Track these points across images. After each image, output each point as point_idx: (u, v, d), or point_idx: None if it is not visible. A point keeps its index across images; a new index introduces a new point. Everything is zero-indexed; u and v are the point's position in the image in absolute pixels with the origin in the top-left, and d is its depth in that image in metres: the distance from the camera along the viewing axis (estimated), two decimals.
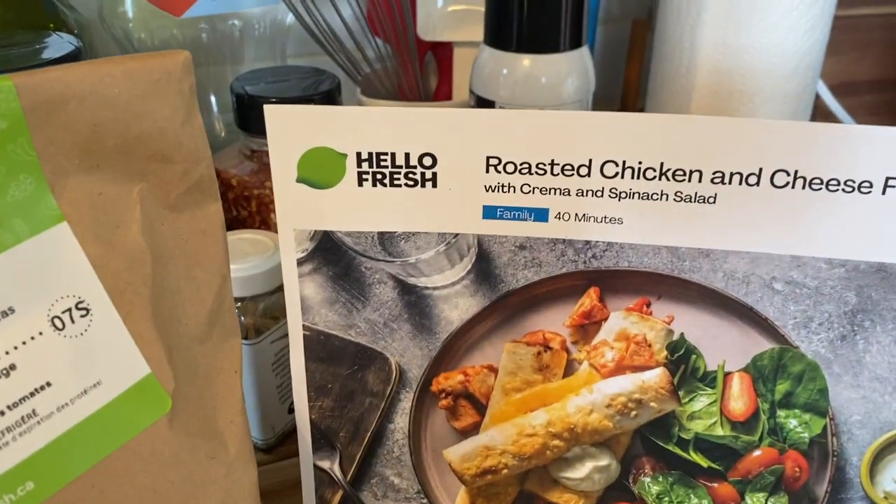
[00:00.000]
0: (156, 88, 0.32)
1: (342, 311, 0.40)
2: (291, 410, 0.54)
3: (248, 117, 0.58)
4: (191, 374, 0.36)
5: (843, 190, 0.34)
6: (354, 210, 0.37)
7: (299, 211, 0.37)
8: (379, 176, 0.36)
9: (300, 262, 0.39)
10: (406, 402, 0.42)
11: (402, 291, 0.40)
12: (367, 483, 0.44)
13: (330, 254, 0.39)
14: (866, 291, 0.36)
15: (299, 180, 0.37)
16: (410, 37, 0.69)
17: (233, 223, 0.61)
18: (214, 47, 0.71)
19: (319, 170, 0.36)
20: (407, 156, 0.36)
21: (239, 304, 0.49)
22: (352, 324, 0.41)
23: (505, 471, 0.42)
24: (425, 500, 0.44)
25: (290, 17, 0.71)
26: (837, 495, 0.40)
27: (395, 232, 0.38)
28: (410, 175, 0.36)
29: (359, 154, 0.36)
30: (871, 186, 0.33)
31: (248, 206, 0.60)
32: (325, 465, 0.44)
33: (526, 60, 0.58)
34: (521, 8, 0.56)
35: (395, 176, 0.36)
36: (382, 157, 0.36)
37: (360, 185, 0.36)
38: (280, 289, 0.50)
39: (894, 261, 0.35)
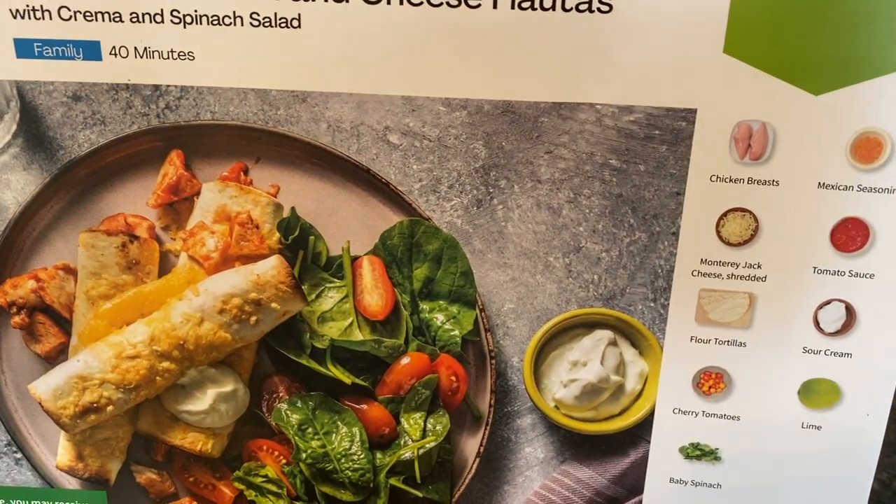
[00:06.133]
0: None
1: None
2: None
3: None
4: None
5: (449, 4, 0.27)
6: None
7: None
8: None
9: None
10: None
11: None
12: None
13: None
14: (496, 140, 0.29)
15: None
16: None
17: None
18: None
19: None
20: None
21: None
22: None
23: (110, 407, 0.33)
24: (19, 455, 0.35)
25: None
26: (503, 408, 0.33)
27: None
28: None
29: None
30: (479, 1, 0.27)
31: None
32: None
33: None
34: None
35: None
36: None
37: None
38: None
39: (522, 98, 0.29)
